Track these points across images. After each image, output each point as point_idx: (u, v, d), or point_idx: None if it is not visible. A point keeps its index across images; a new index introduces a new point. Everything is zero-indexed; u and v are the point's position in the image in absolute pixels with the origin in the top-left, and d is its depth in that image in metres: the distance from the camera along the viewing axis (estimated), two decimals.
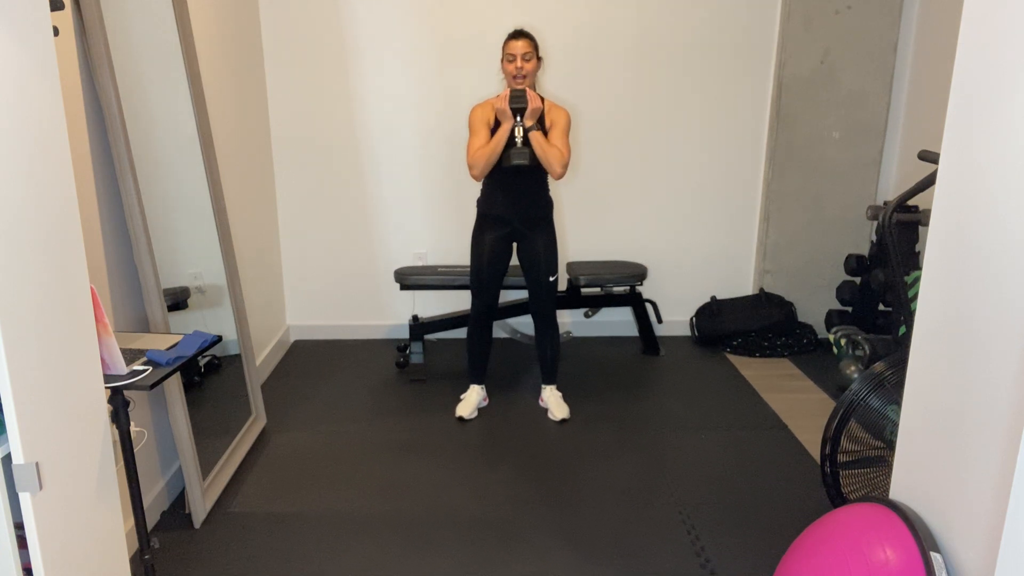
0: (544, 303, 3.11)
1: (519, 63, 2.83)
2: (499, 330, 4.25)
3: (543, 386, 3.30)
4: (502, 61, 2.88)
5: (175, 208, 2.53)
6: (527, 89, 2.82)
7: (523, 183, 2.97)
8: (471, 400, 3.25)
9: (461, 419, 3.20)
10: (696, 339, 4.19)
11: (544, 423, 3.17)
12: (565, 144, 2.89)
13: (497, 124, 2.91)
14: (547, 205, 3.06)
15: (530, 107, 2.81)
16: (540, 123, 2.92)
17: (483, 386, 3.32)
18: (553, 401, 3.24)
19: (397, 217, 4.08)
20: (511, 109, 2.82)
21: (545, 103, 2.94)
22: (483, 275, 3.08)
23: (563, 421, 3.17)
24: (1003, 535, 0.94)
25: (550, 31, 3.85)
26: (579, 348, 4.08)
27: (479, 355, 3.24)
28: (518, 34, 2.85)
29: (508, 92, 2.83)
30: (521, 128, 2.86)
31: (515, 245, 3.12)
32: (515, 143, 2.87)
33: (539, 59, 2.89)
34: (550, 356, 3.23)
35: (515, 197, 2.99)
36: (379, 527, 2.43)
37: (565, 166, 2.87)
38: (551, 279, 3.08)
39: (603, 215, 4.11)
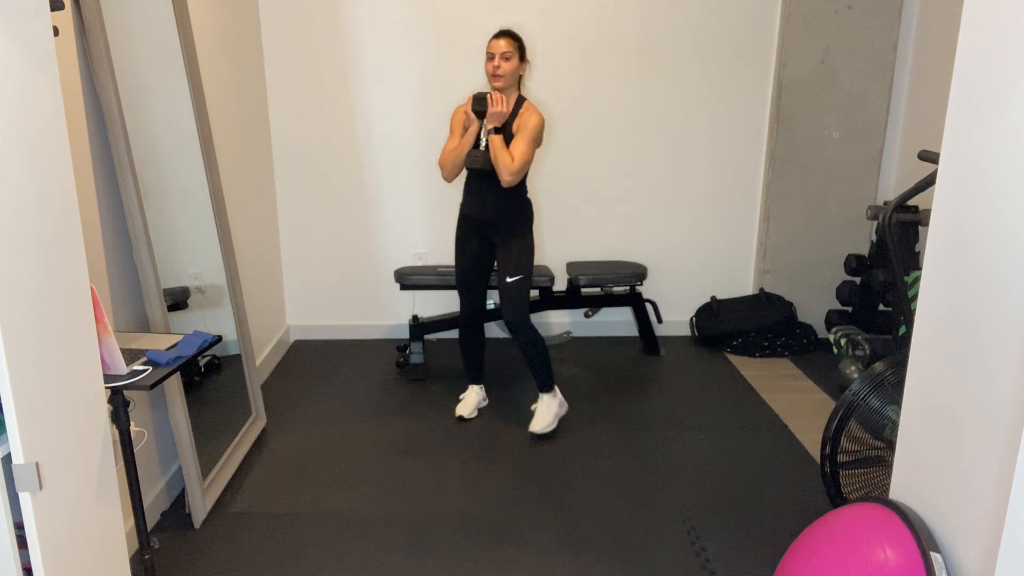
0: (506, 308, 2.93)
1: (496, 62, 2.78)
2: (499, 330, 4.25)
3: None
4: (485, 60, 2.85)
5: (175, 208, 2.53)
6: (490, 93, 2.78)
7: (490, 185, 2.90)
8: (470, 400, 3.25)
9: (461, 418, 3.20)
10: (696, 339, 4.19)
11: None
12: (522, 151, 2.77)
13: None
14: (516, 208, 2.92)
15: (489, 110, 2.76)
16: (508, 127, 2.85)
17: (481, 386, 3.32)
18: (540, 410, 3.07)
19: (397, 217, 4.08)
20: (474, 112, 2.81)
21: (523, 105, 2.85)
22: (460, 276, 3.07)
23: (539, 437, 3.04)
24: (1003, 535, 0.94)
25: (550, 31, 3.85)
26: (579, 348, 4.07)
27: (470, 356, 3.23)
28: (501, 33, 2.81)
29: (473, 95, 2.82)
30: (485, 131, 2.84)
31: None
32: (479, 146, 2.86)
33: (524, 61, 2.84)
34: (533, 364, 3.02)
35: (483, 199, 2.93)
36: (379, 527, 2.43)
37: (513, 173, 2.75)
38: (509, 280, 2.90)
39: (603, 215, 4.11)
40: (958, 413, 1.54)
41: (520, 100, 2.87)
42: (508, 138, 2.84)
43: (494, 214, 2.93)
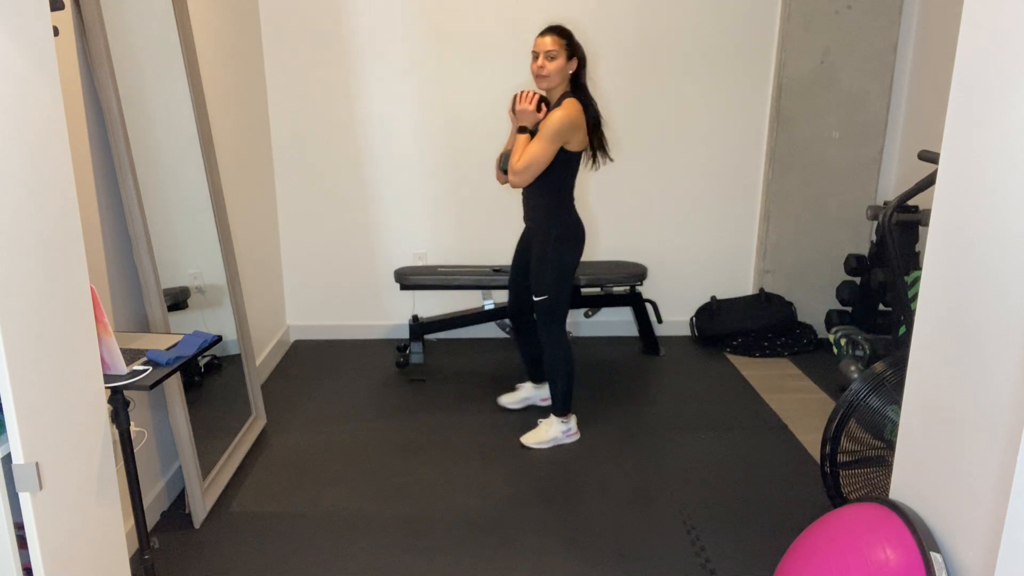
0: (537, 320, 2.91)
1: (540, 61, 2.65)
2: (499, 330, 4.25)
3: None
4: None
5: (175, 208, 2.53)
6: (520, 92, 2.71)
7: (525, 189, 2.84)
8: (517, 394, 3.32)
9: (502, 407, 3.30)
10: (696, 339, 4.19)
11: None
12: (531, 151, 2.63)
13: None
14: (543, 217, 2.79)
15: (516, 109, 2.69)
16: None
17: (536, 384, 3.29)
18: (540, 427, 3.01)
19: (397, 217, 4.07)
20: (512, 112, 2.78)
21: (563, 102, 2.66)
22: (511, 271, 3.10)
23: (527, 447, 2.97)
24: (1003, 535, 0.94)
25: None
26: (579, 348, 4.07)
27: (521, 354, 3.26)
28: (546, 30, 2.66)
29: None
30: (514, 131, 2.82)
31: None
32: None
33: (574, 58, 2.68)
34: (550, 383, 2.95)
35: (523, 202, 2.89)
36: (379, 527, 2.43)
37: (516, 174, 2.66)
38: (536, 299, 2.84)
39: (603, 215, 4.11)
40: (958, 413, 1.54)
41: (563, 98, 2.69)
42: None
43: (527, 220, 2.89)
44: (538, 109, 2.69)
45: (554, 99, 2.75)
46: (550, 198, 2.77)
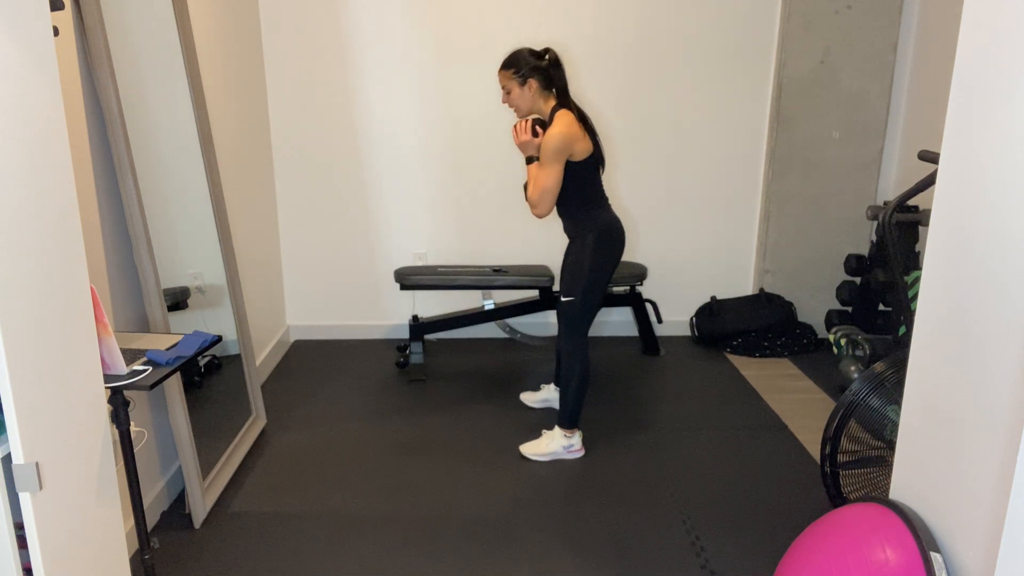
0: (558, 323, 2.86)
1: (503, 98, 2.72)
2: (499, 330, 4.25)
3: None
4: None
5: (175, 208, 2.53)
6: (515, 125, 2.68)
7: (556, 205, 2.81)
8: (538, 394, 3.36)
9: (523, 403, 3.37)
10: (696, 339, 4.19)
11: (543, 423, 3.17)
12: (539, 181, 2.61)
13: None
14: (573, 224, 2.77)
15: (516, 143, 2.70)
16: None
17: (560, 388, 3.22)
18: (542, 438, 2.93)
19: (397, 217, 4.08)
20: None
21: (555, 117, 2.63)
22: None
23: (524, 458, 2.90)
24: (1003, 535, 0.94)
25: (548, 32, 3.85)
26: None
27: (556, 353, 3.26)
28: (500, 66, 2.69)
29: None
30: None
31: None
32: None
33: (527, 83, 2.64)
34: (562, 394, 2.87)
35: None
36: (379, 527, 2.43)
37: (535, 205, 2.63)
38: (562, 299, 2.78)
39: None
40: (958, 413, 1.54)
41: (554, 111, 2.64)
42: None
43: (566, 232, 2.85)
44: (535, 134, 2.66)
45: (547, 116, 2.69)
46: (578, 206, 2.74)
